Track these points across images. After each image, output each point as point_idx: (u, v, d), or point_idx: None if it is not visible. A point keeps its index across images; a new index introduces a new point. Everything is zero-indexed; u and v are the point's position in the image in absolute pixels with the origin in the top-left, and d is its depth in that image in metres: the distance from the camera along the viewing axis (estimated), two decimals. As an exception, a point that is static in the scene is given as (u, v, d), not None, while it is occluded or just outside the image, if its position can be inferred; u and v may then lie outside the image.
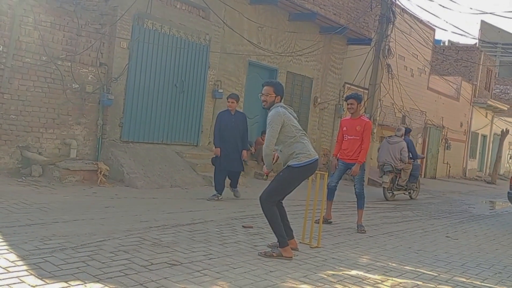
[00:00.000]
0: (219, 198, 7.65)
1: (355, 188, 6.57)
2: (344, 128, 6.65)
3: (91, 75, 8.46)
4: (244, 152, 7.87)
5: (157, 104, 9.51)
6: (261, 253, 4.58)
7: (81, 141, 8.44)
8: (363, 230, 6.37)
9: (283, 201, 4.89)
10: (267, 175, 5.00)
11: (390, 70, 14.32)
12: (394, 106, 16.52)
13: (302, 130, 4.78)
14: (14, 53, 7.44)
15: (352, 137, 6.54)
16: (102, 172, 7.83)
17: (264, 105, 4.82)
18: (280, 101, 4.79)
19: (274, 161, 4.94)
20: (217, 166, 7.76)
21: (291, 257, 4.53)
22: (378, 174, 14.98)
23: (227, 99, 7.95)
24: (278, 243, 4.61)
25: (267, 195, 4.64)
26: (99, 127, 8.61)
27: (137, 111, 9.15)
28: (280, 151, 4.72)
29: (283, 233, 4.61)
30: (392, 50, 13.63)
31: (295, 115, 4.87)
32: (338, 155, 6.74)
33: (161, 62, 9.45)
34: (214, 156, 7.89)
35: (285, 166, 4.70)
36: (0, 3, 7.25)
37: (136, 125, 9.16)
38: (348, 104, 6.57)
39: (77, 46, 8.19)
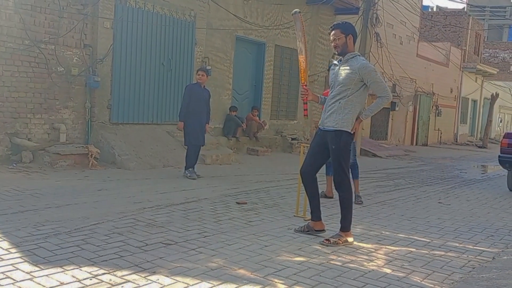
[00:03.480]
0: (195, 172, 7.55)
1: None
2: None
3: (76, 58, 8.31)
4: (207, 125, 7.72)
5: (145, 84, 9.40)
6: (323, 242, 4.26)
7: (70, 125, 8.35)
8: (360, 201, 6.41)
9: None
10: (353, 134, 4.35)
11: (378, 38, 14.25)
12: (384, 75, 16.47)
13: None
14: (-5, 38, 7.28)
15: None
16: (93, 155, 7.78)
17: (337, 51, 4.37)
18: (354, 41, 4.36)
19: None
20: (193, 142, 7.49)
21: (353, 242, 4.33)
22: (370, 144, 15.07)
23: (197, 72, 7.75)
24: (344, 227, 4.33)
25: (339, 172, 4.24)
26: (87, 110, 8.51)
27: (125, 92, 9.04)
28: (339, 102, 4.27)
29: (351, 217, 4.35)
30: (380, 18, 13.51)
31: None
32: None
33: (146, 40, 9.30)
34: (179, 128, 7.65)
35: (335, 130, 4.25)
36: (-23, -13, 7.05)
37: (125, 106, 9.07)
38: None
39: (59, 28, 8.01)
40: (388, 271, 3.69)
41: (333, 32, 4.39)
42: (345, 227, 4.35)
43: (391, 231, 4.96)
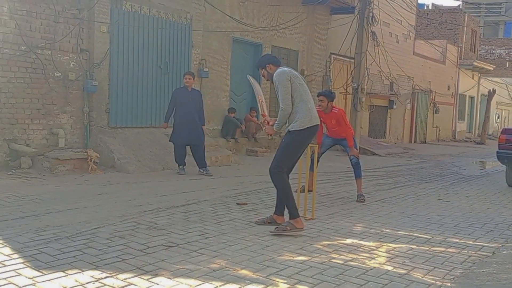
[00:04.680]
0: (184, 169, 8.08)
1: (351, 159, 6.57)
2: (322, 119, 6.67)
3: (72, 62, 8.32)
4: (203, 127, 8.20)
5: (143, 88, 9.40)
6: (272, 231, 4.49)
7: (69, 129, 8.35)
8: (363, 199, 6.43)
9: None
10: (272, 136, 4.97)
11: (375, 37, 14.26)
12: (381, 74, 16.51)
13: (307, 91, 4.66)
14: (-8, 44, 7.28)
15: (333, 129, 6.64)
16: (93, 160, 7.78)
17: (267, 79, 4.81)
18: (274, 63, 4.74)
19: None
20: (175, 142, 8.01)
21: (303, 228, 4.50)
22: (369, 143, 15.09)
23: (184, 76, 8.20)
24: (289, 214, 4.53)
25: (276, 164, 4.56)
26: (85, 114, 8.52)
27: (123, 96, 9.05)
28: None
29: (295, 204, 4.55)
30: (376, 17, 13.51)
31: (302, 78, 4.79)
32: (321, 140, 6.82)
33: (143, 44, 9.30)
34: (163, 127, 8.25)
35: (287, 130, 4.60)
36: (-28, -6, 7.05)
37: (123, 110, 9.08)
38: (319, 100, 6.57)
39: (56, 33, 8.02)
40: (390, 268, 3.70)
41: (259, 70, 4.86)
42: (291, 214, 4.53)
43: (391, 229, 4.97)
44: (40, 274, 3.26)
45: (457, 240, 4.62)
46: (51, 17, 7.94)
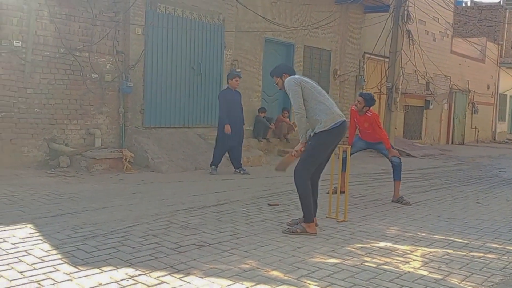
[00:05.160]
0: (217, 170, 8.15)
1: (392, 161, 6.44)
2: (356, 119, 6.62)
3: (109, 64, 8.52)
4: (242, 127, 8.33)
5: (176, 88, 9.54)
6: (285, 230, 4.58)
7: (105, 129, 8.56)
8: (408, 201, 6.31)
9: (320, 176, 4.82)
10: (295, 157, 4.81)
11: (410, 36, 13.98)
12: (417, 73, 16.16)
13: (323, 92, 4.68)
14: (33, 47, 7.54)
15: (366, 131, 6.56)
16: (127, 159, 7.94)
17: (281, 88, 4.85)
18: (290, 73, 4.79)
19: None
20: (222, 143, 8.05)
21: (316, 233, 4.52)
22: (403, 144, 14.79)
23: (234, 78, 8.25)
24: (303, 218, 4.59)
25: (301, 167, 4.55)
26: (121, 115, 8.71)
27: (156, 97, 9.20)
28: (306, 116, 4.60)
29: (311, 209, 4.57)
30: (411, 15, 13.25)
31: (316, 82, 4.81)
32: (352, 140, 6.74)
33: (176, 45, 9.44)
34: (218, 134, 8.17)
35: (313, 134, 4.59)
36: (15, -1, 7.32)
37: (157, 111, 9.23)
38: (357, 101, 6.52)
39: (93, 36, 8.23)
40: (425, 273, 3.61)
41: (273, 78, 4.91)
42: (305, 218, 4.55)
43: (427, 232, 4.85)
44: (77, 270, 3.34)
45: (497, 246, 4.46)
46: (89, 20, 8.16)
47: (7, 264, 3.38)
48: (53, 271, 3.30)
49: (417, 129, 18.11)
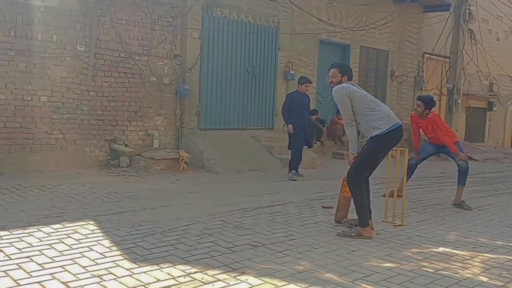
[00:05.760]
0: (297, 174, 8.02)
1: (459, 165, 6.19)
2: (418, 124, 6.42)
3: (166, 67, 8.79)
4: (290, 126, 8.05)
5: (231, 91, 9.67)
6: (339, 233, 4.53)
7: (162, 131, 8.83)
8: (469, 206, 6.08)
9: (369, 180, 4.76)
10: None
11: (472, 35, 13.37)
12: (480, 74, 15.43)
13: (374, 99, 4.62)
14: (95, 52, 7.91)
15: (432, 135, 6.35)
16: (184, 160, 8.14)
17: (331, 86, 4.74)
18: (348, 80, 4.69)
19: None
20: (301, 145, 8.05)
21: (371, 237, 4.44)
22: (465, 147, 14.17)
23: (305, 84, 8.15)
24: (358, 221, 4.52)
25: (356, 170, 4.51)
26: (177, 117, 8.95)
27: (212, 99, 9.38)
28: (359, 123, 4.55)
29: (366, 213, 4.51)
30: (473, 14, 12.70)
31: (363, 90, 4.73)
32: (418, 146, 6.54)
33: (231, 48, 9.58)
34: (290, 131, 8.05)
35: (369, 137, 4.52)
36: (79, 5, 7.71)
37: (212, 113, 9.41)
38: (416, 105, 6.36)
39: (152, 40, 8.52)
40: (485, 279, 3.45)
41: (331, 70, 4.75)
42: (360, 222, 4.49)
43: (488, 238, 4.63)
44: (136, 266, 3.47)
45: None
46: (148, 25, 8.46)
47: (71, 259, 3.56)
48: (114, 267, 3.45)
49: (479, 131, 17.30)
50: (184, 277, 3.29)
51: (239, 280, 3.27)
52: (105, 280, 3.19)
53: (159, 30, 8.61)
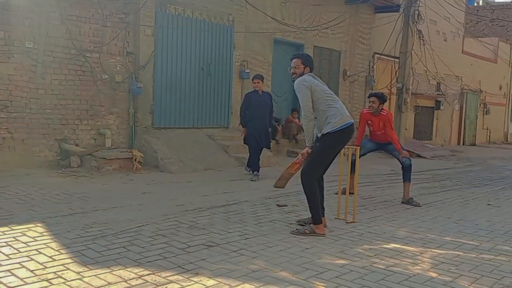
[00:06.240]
0: (258, 175, 7.85)
1: (403, 162, 6.40)
2: (369, 122, 6.58)
3: (119, 65, 8.58)
4: (268, 129, 8.07)
5: (186, 89, 9.58)
6: (293, 231, 4.58)
7: (115, 130, 8.62)
8: (418, 203, 6.28)
9: (323, 178, 4.81)
10: (299, 165, 4.75)
11: (421, 36, 13.87)
12: (428, 73, 16.03)
13: (333, 95, 4.68)
14: (45, 48, 7.62)
15: (379, 132, 6.52)
16: (137, 159, 7.99)
17: (293, 78, 4.72)
18: (310, 72, 4.71)
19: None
20: (253, 146, 7.89)
21: (324, 234, 4.52)
22: (414, 145, 14.70)
23: (253, 80, 8.08)
24: (311, 219, 4.59)
25: (309, 168, 4.56)
26: (131, 115, 8.77)
27: (166, 97, 9.25)
28: (315, 117, 4.59)
29: (319, 210, 4.58)
30: (422, 15, 13.17)
31: (324, 83, 4.77)
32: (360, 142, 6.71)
33: (186, 46, 9.48)
34: (245, 135, 7.96)
35: (321, 135, 4.59)
36: (28, 1, 7.40)
37: (167, 111, 9.28)
38: (370, 102, 6.49)
39: (103, 37, 8.30)
40: (434, 275, 3.59)
41: (294, 60, 4.74)
42: (314, 220, 4.57)
43: (437, 234, 4.82)
44: (87, 269, 3.38)
45: (508, 248, 4.42)
46: (100, 21, 8.23)
47: (18, 263, 3.43)
48: (63, 270, 3.34)
49: (427, 130, 17.98)
50: (136, 279, 3.23)
51: (193, 281, 3.24)
52: (53, 284, 3.08)
53: (111, 27, 8.39)
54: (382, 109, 6.43)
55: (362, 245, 4.28)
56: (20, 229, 4.28)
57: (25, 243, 3.89)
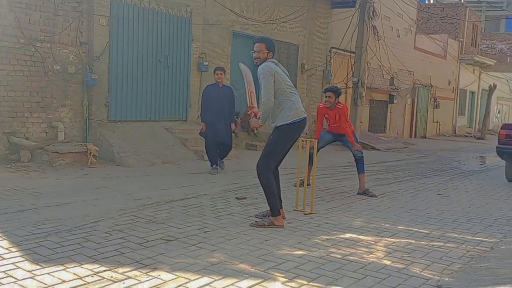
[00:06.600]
0: (217, 168, 7.75)
1: (355, 154, 6.58)
2: (326, 115, 6.70)
3: (72, 55, 8.29)
4: (233, 124, 7.88)
5: (142, 81, 9.38)
6: (252, 223, 4.61)
7: (68, 123, 8.34)
8: (374, 193, 6.46)
9: (278, 170, 4.86)
10: (256, 129, 4.90)
11: (376, 31, 14.21)
12: (382, 68, 16.47)
13: (292, 87, 4.70)
14: (-9, 37, 7.26)
15: (335, 125, 6.65)
16: (92, 153, 7.78)
17: (256, 62, 4.68)
18: (272, 57, 4.70)
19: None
20: (208, 139, 7.75)
21: (283, 226, 4.57)
22: (368, 137, 15.09)
23: (215, 72, 7.82)
24: (270, 211, 4.63)
25: (263, 161, 4.59)
26: (85, 108, 8.50)
27: (122, 90, 9.03)
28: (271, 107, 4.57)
29: (277, 202, 4.62)
30: (376, 11, 13.48)
31: (286, 71, 4.78)
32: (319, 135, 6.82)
33: (143, 37, 9.28)
34: (203, 129, 7.87)
35: (274, 127, 4.63)
36: (-29, -14, 7.02)
37: (123, 104, 9.06)
38: (326, 97, 6.61)
39: (55, 26, 7.99)
40: (388, 262, 3.70)
41: (257, 44, 4.65)
42: (272, 212, 4.59)
43: (390, 223, 4.98)
44: (39, 267, 3.26)
45: (456, 235, 4.63)
46: (51, 9, 7.91)
47: (-36, 262, 3.26)
48: (14, 269, 3.21)
49: (381, 123, 18.50)
50: (92, 276, 3.15)
51: (151, 276, 3.20)
52: (3, 284, 2.95)
53: (63, 16, 8.09)
54: (338, 102, 6.56)
55: (320, 236, 4.36)
56: (-34, 227, 4.07)
57: (-28, 241, 3.71)
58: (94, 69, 8.47)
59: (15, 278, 3.06)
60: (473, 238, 4.55)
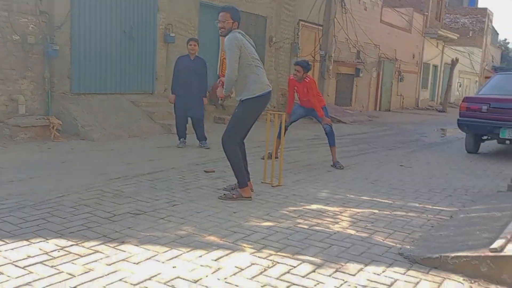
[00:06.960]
0: (185, 142, 7.69)
1: (325, 128, 6.67)
2: (296, 88, 6.72)
3: (31, 25, 7.96)
4: (205, 99, 7.72)
5: (107, 53, 9.13)
6: (221, 196, 4.64)
7: (29, 96, 8.07)
8: (341, 166, 6.59)
9: (245, 142, 4.89)
10: (222, 99, 4.90)
11: (343, 4, 14.22)
12: (349, 42, 16.56)
13: (258, 60, 4.67)
14: None
15: (305, 99, 6.68)
16: (55, 127, 7.59)
17: (221, 33, 4.61)
18: (238, 27, 4.64)
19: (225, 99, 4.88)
20: (177, 113, 7.64)
21: (251, 197, 4.62)
22: (335, 111, 15.28)
23: (188, 43, 7.57)
24: (237, 184, 4.67)
25: (229, 134, 4.60)
26: (46, 80, 8.23)
27: (85, 61, 8.77)
28: (236, 80, 4.53)
29: (244, 174, 4.66)
30: (344, -17, 13.46)
31: (253, 43, 4.73)
32: (291, 109, 6.84)
33: (106, 7, 8.98)
34: (170, 101, 7.75)
35: (239, 100, 4.63)
36: None
37: (86, 76, 8.82)
38: (295, 70, 6.61)
39: (12, -7, 7.62)
40: (352, 232, 3.82)
41: (222, 14, 4.57)
42: (239, 183, 4.63)
43: (355, 194, 5.11)
44: (3, 243, 3.20)
45: (417, 205, 4.80)
46: (6, -24, 7.52)
47: None
48: (-23, 245, 3.14)
49: (347, 96, 18.73)
50: (58, 251, 3.12)
51: (119, 250, 3.20)
52: (-34, 262, 2.89)
53: (20, -17, 7.71)
54: (306, 76, 6.59)
55: (287, 207, 4.44)
56: None
57: None
58: (55, 40, 8.17)
59: (-21, 255, 3.00)
60: (434, 207, 4.74)
